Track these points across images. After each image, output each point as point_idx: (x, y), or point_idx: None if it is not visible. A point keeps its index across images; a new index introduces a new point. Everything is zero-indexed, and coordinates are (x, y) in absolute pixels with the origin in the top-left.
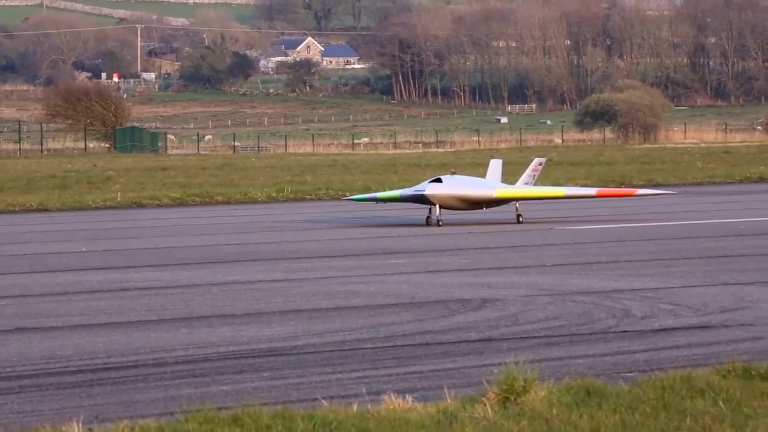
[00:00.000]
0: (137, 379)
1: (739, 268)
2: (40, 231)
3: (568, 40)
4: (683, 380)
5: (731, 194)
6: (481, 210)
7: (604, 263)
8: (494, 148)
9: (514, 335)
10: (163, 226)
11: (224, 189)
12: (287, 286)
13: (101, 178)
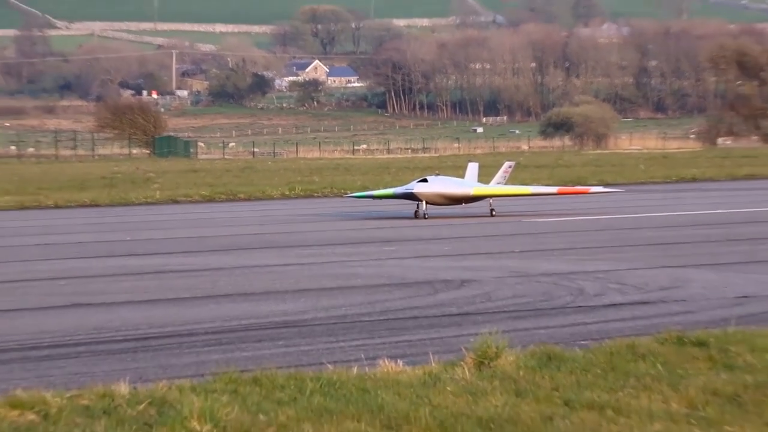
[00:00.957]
0: (173, 347)
1: (675, 254)
2: (91, 223)
3: (533, 63)
4: (628, 347)
5: (669, 192)
6: (460, 205)
7: (562, 250)
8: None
9: (488, 310)
10: (194, 219)
11: (245, 188)
12: (298, 269)
13: (143, 178)
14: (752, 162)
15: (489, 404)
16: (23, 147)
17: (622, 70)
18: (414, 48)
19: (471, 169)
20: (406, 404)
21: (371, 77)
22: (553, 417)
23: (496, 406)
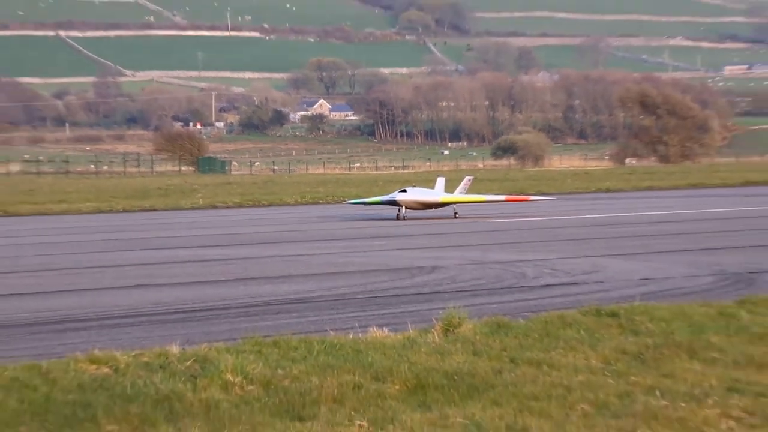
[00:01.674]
0: (212, 317)
1: (594, 246)
2: (150, 223)
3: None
4: (558, 317)
5: (589, 199)
6: (431, 210)
7: (509, 243)
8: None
9: (452, 289)
10: (228, 221)
11: (267, 196)
12: (308, 258)
13: (189, 189)
14: (651, 177)
15: (453, 361)
16: (99, 165)
17: (553, 107)
18: (395, 90)
19: (439, 182)
20: (390, 361)
21: (363, 112)
22: (502, 371)
23: (458, 362)
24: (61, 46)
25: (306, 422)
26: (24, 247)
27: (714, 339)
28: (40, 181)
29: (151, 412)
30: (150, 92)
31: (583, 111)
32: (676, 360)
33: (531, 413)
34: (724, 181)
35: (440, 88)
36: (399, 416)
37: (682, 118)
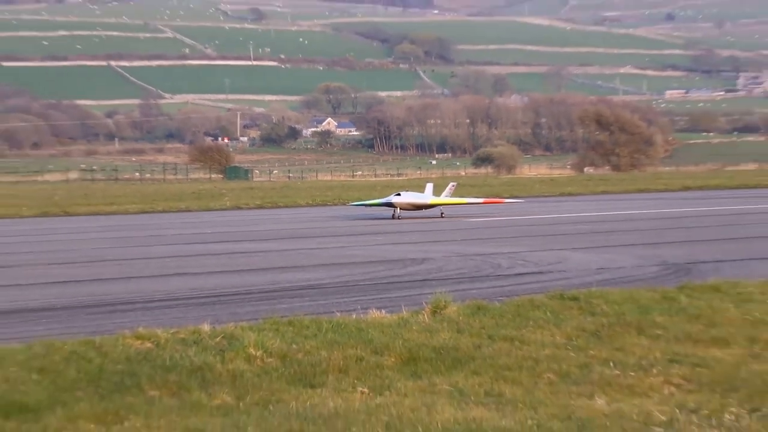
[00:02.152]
0: (238, 301)
1: (558, 241)
2: (186, 222)
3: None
4: (528, 301)
5: (553, 202)
6: (421, 210)
7: (487, 239)
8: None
9: (440, 278)
10: (251, 219)
11: (283, 199)
12: (318, 252)
13: (218, 193)
14: (605, 183)
15: (440, 338)
16: (143, 173)
17: (523, 124)
18: (391, 110)
19: (428, 187)
20: (387, 338)
21: (364, 128)
22: (481, 346)
23: (444, 339)
24: (111, 73)
25: (316, 389)
26: (80, 242)
27: (658, 319)
28: (93, 186)
29: (187, 380)
30: (185, 112)
31: (548, 128)
32: (626, 336)
33: (505, 381)
34: (666, 186)
35: (429, 108)
36: (394, 384)
37: (631, 133)
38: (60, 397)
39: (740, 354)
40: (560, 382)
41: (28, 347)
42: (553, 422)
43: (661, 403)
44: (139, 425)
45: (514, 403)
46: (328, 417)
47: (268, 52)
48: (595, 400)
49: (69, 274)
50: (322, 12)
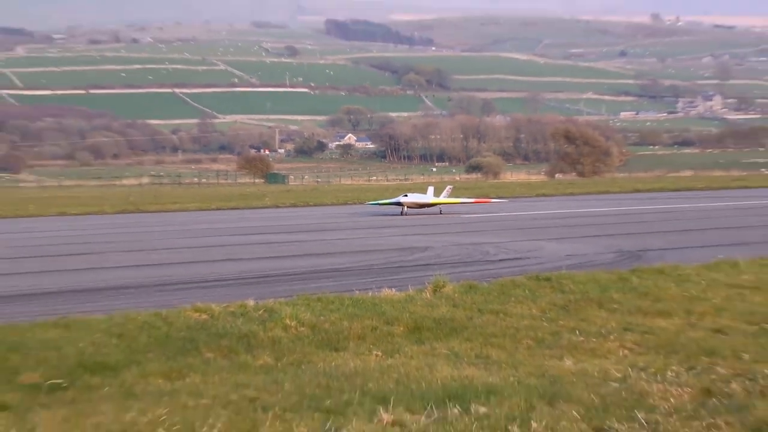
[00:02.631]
0: (276, 282)
1: (534, 233)
2: (234, 218)
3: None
4: (510, 281)
5: (531, 201)
6: (424, 208)
7: (477, 231)
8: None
9: (439, 262)
10: (286, 216)
11: (313, 199)
12: (341, 241)
13: (260, 195)
14: (572, 186)
15: (439, 311)
16: (200, 179)
17: (506, 139)
18: (400, 128)
19: (429, 190)
20: (397, 311)
21: (378, 142)
22: (472, 317)
23: (443, 312)
24: (175, 99)
25: (339, 352)
26: (150, 234)
27: (614, 295)
28: (161, 189)
29: (235, 345)
30: (234, 129)
31: (526, 142)
32: (589, 309)
33: (492, 346)
34: (620, 188)
35: (430, 126)
36: (403, 348)
37: (592, 146)
38: (134, 357)
39: (679, 324)
40: (536, 346)
41: (109, 318)
42: (531, 379)
43: (617, 363)
44: (198, 381)
45: (498, 364)
46: (349, 374)
47: (301, 80)
48: (564, 360)
49: (141, 259)
50: (343, 48)
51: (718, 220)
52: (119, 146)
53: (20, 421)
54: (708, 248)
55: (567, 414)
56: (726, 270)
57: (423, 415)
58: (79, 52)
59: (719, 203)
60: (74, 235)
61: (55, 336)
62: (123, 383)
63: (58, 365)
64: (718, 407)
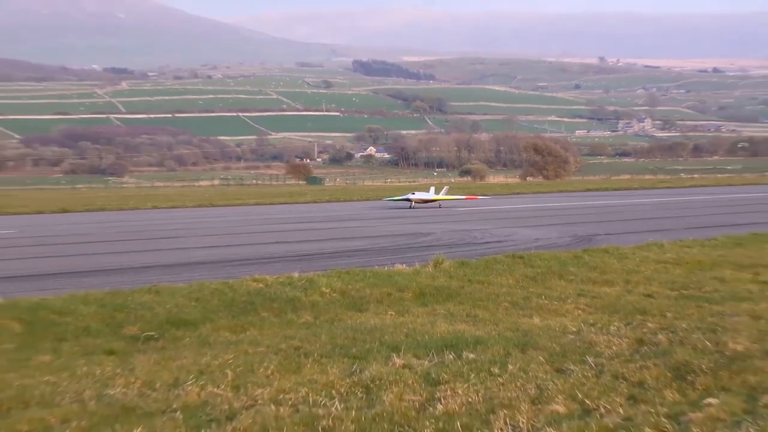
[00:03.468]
0: (315, 259)
1: (511, 222)
2: (281, 210)
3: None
4: (493, 259)
5: (508, 198)
6: (427, 204)
7: (467, 220)
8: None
9: (439, 244)
10: (322, 208)
11: (343, 196)
12: (363, 228)
13: (303, 193)
14: (539, 186)
15: (438, 281)
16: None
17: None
18: (409, 142)
19: (432, 189)
20: (406, 281)
21: (392, 153)
22: (464, 286)
23: (441, 282)
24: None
25: (363, 312)
26: (219, 222)
27: (571, 269)
28: (228, 189)
29: (284, 306)
30: (283, 144)
31: (505, 153)
32: (552, 280)
33: (478, 308)
34: (576, 188)
35: (431, 141)
36: (411, 309)
37: (555, 156)
38: (208, 316)
39: (620, 290)
40: (512, 308)
41: (189, 285)
42: (508, 332)
43: (573, 320)
44: (255, 334)
45: (483, 321)
46: (370, 329)
47: (333, 106)
48: (533, 318)
49: (213, 242)
50: (366, 82)
51: (648, 212)
52: (197, 156)
53: (123, 363)
54: (641, 233)
55: (535, 358)
56: (654, 250)
57: (426, 359)
58: (167, 85)
59: (649, 200)
60: (163, 223)
61: (148, 299)
62: (200, 335)
63: (151, 321)
64: (648, 353)
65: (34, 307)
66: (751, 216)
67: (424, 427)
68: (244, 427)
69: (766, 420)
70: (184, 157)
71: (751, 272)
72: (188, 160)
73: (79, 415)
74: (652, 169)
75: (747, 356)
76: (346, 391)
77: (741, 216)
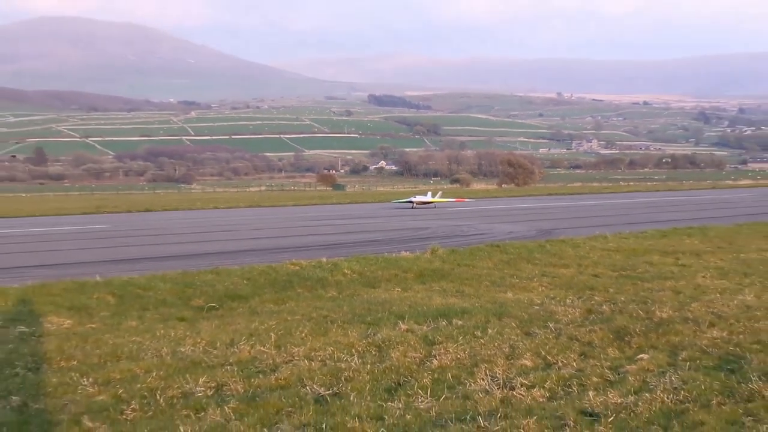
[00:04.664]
0: (338, 247)
1: (490, 219)
2: (312, 210)
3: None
4: (476, 248)
5: (487, 200)
6: (425, 205)
7: (457, 218)
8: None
9: (436, 237)
10: (344, 209)
11: (361, 198)
12: (377, 224)
13: (329, 197)
14: (512, 192)
15: (434, 265)
16: (295, 187)
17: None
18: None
19: (428, 194)
20: (409, 265)
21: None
22: (454, 269)
23: (437, 265)
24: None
25: (375, 289)
26: (266, 219)
27: (537, 255)
28: (272, 194)
29: (315, 284)
30: (314, 159)
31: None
32: (522, 264)
33: (465, 285)
34: (540, 193)
35: (429, 156)
36: (413, 287)
37: (524, 168)
38: (256, 291)
39: (573, 272)
40: (491, 285)
41: (242, 268)
42: (488, 304)
43: (538, 295)
44: (293, 305)
45: (469, 296)
46: (381, 302)
47: (353, 130)
48: (507, 293)
49: (260, 234)
50: (378, 111)
51: (594, 211)
52: (248, 168)
53: (192, 327)
54: (589, 228)
55: (509, 324)
56: (600, 240)
57: (424, 325)
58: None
59: (596, 202)
60: (221, 220)
61: (211, 278)
62: (250, 306)
63: (213, 295)
64: (595, 319)
65: (124, 284)
66: (672, 214)
67: (423, 377)
68: (285, 377)
69: (684, 370)
70: (238, 169)
71: (673, 257)
72: (242, 171)
73: (158, 366)
74: (598, 178)
75: (670, 322)
76: (362, 350)
77: (665, 214)
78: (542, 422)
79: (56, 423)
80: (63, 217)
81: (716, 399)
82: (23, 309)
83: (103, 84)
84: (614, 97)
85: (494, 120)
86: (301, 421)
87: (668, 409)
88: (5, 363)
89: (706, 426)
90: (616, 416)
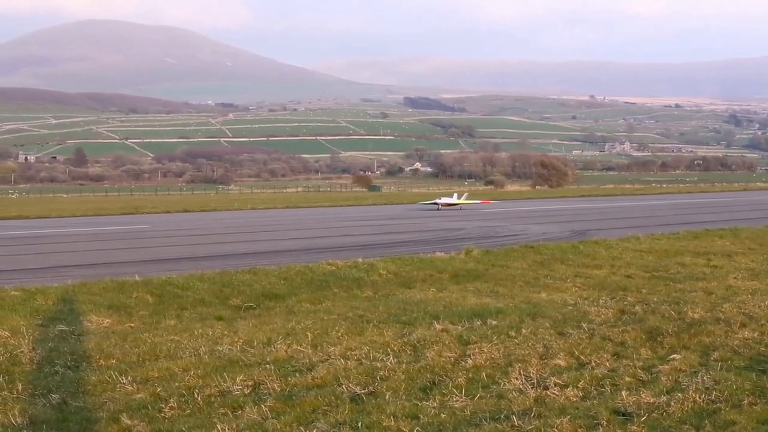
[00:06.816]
0: (373, 248)
1: (524, 220)
2: (348, 211)
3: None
4: (510, 248)
5: (520, 201)
6: (451, 207)
7: (491, 219)
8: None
9: (470, 237)
10: (380, 209)
11: (395, 199)
12: (406, 225)
13: (365, 198)
14: (546, 193)
15: (469, 266)
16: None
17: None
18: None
19: (455, 195)
20: (444, 265)
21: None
22: (488, 269)
23: (471, 266)
24: (317, 143)
25: (411, 289)
26: (303, 220)
27: (570, 256)
28: (309, 195)
29: (351, 284)
30: (350, 160)
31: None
32: (555, 264)
33: (500, 285)
34: (573, 195)
35: (463, 158)
36: (448, 287)
37: (557, 170)
38: (293, 291)
39: (606, 272)
40: (525, 286)
41: (278, 268)
42: (522, 304)
43: (571, 296)
44: (329, 305)
45: (503, 296)
46: (416, 302)
47: (389, 132)
48: (541, 294)
49: (296, 234)
50: (413, 114)
51: (627, 212)
52: (285, 170)
53: (229, 326)
54: (622, 229)
55: (543, 324)
56: (632, 241)
57: (459, 325)
58: (263, 116)
59: (628, 203)
60: (259, 221)
61: (248, 278)
62: (287, 306)
63: (250, 295)
64: (628, 320)
65: (163, 283)
66: (704, 216)
67: (457, 376)
68: (321, 376)
69: (716, 371)
70: (275, 170)
71: (705, 258)
72: (279, 172)
73: (196, 365)
74: (631, 180)
75: (702, 322)
76: (398, 349)
77: (697, 216)
78: (575, 421)
79: (95, 420)
80: (103, 218)
81: (747, 399)
82: (63, 308)
83: (142, 86)
84: (646, 100)
85: (528, 122)
86: (337, 420)
87: (700, 408)
88: (46, 361)
89: (737, 426)
90: (649, 416)
